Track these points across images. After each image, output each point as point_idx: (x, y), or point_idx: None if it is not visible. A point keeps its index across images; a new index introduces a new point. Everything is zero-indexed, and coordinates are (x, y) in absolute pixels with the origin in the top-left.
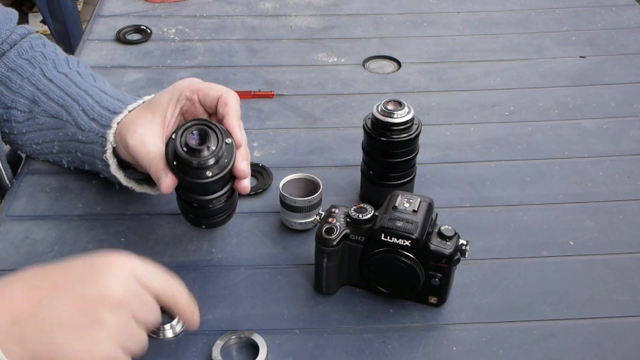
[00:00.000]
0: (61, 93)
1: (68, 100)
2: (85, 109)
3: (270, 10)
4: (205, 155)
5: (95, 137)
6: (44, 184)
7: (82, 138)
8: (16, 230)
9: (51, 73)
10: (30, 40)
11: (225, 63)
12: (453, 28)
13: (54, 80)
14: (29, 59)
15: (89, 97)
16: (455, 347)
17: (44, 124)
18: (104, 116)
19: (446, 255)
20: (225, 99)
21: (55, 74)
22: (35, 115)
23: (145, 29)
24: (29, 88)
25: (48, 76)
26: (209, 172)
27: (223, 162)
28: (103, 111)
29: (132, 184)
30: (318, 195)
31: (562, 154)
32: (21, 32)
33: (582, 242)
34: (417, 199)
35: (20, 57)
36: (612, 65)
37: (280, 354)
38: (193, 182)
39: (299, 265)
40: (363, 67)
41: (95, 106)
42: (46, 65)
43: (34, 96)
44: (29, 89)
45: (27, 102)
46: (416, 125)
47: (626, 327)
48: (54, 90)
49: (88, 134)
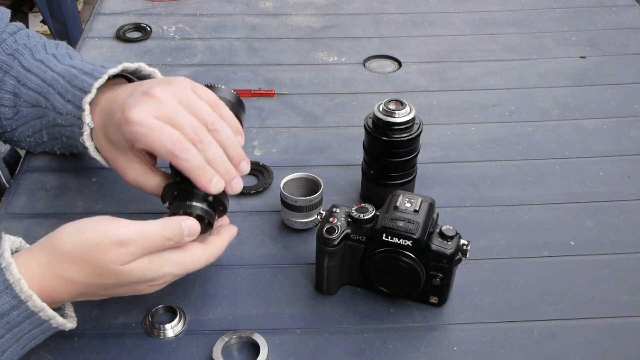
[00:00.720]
0: (38, 80)
1: (44, 86)
2: (60, 92)
3: (271, 9)
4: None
5: (73, 120)
6: (43, 181)
7: (62, 122)
8: (16, 228)
9: (28, 62)
10: (15, 37)
11: (225, 62)
12: (453, 28)
13: (31, 70)
14: (12, 53)
15: (62, 79)
16: (456, 347)
17: (28, 115)
18: (76, 96)
19: (447, 255)
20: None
21: (32, 63)
22: (19, 108)
23: (145, 27)
24: (10, 82)
25: (25, 66)
26: (205, 203)
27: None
28: (75, 91)
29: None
30: (319, 194)
31: (563, 154)
32: (11, 30)
33: (582, 242)
34: (418, 198)
35: (4, 53)
36: (612, 66)
37: (281, 353)
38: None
39: (299, 264)
40: (363, 67)
41: (68, 87)
42: (24, 56)
43: (15, 89)
44: (10, 83)
45: (11, 96)
46: (417, 124)
47: (627, 327)
48: (31, 79)
49: (66, 117)
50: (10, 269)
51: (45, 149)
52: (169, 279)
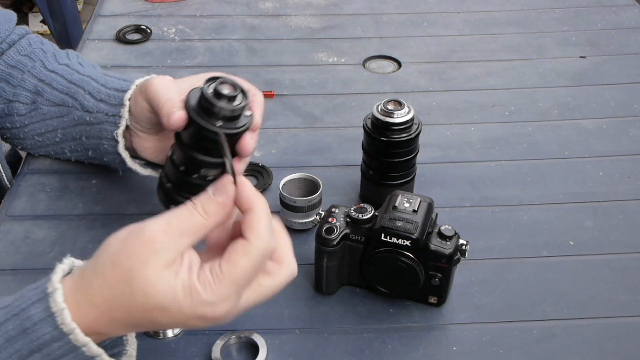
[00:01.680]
0: (64, 81)
1: (72, 87)
2: (91, 92)
3: (271, 10)
4: (225, 104)
5: (104, 117)
6: (44, 183)
7: (90, 119)
8: (16, 230)
9: (52, 65)
10: (28, 39)
11: (225, 63)
12: (453, 28)
13: (56, 71)
14: (28, 55)
15: (94, 82)
16: (455, 347)
17: (47, 113)
18: (112, 96)
19: (446, 255)
20: (255, 92)
21: (56, 66)
22: (39, 105)
23: (145, 28)
24: (31, 80)
25: (49, 68)
26: (220, 122)
27: (235, 124)
28: (111, 91)
29: (136, 166)
30: (318, 195)
31: (562, 154)
32: (20, 32)
33: (582, 242)
34: (417, 198)
35: (19, 54)
36: (612, 65)
37: (281, 354)
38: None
39: (299, 265)
40: (363, 67)
41: (102, 89)
42: (47, 59)
43: (37, 87)
44: (30, 82)
45: (30, 94)
46: (416, 125)
47: (626, 327)
48: (57, 80)
49: (97, 115)
50: (55, 297)
51: (51, 152)
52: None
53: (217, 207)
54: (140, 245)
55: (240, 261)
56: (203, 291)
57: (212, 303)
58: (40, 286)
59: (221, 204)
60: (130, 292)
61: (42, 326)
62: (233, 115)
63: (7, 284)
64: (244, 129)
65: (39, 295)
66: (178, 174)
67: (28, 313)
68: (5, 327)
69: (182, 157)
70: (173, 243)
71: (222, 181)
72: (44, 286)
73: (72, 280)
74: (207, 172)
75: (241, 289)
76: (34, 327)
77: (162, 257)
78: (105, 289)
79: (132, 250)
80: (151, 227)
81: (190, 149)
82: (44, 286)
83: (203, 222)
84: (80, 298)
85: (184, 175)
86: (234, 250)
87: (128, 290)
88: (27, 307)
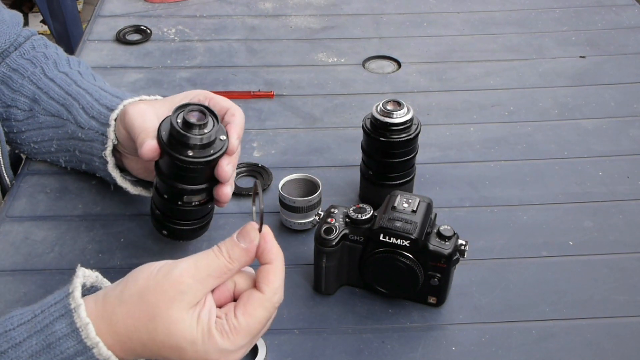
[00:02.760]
0: (62, 92)
1: (68, 99)
2: (85, 107)
3: (270, 10)
4: (195, 133)
5: (95, 135)
6: (43, 184)
7: (82, 136)
8: (16, 231)
9: (52, 72)
10: (32, 42)
11: (225, 63)
12: (453, 28)
13: (54, 80)
14: (30, 59)
15: (89, 96)
16: (455, 347)
17: (44, 122)
18: (102, 114)
19: (445, 255)
20: (234, 111)
21: (56, 74)
22: (36, 113)
23: (145, 29)
24: (30, 87)
25: (49, 75)
26: (191, 152)
27: (208, 151)
28: (102, 109)
29: (127, 184)
30: (317, 195)
31: (562, 154)
32: (25, 35)
33: (581, 242)
34: (416, 199)
35: (22, 57)
36: (612, 65)
37: (280, 354)
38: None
39: (298, 265)
40: (363, 67)
41: (95, 104)
42: (47, 65)
43: (35, 95)
44: (29, 88)
45: (28, 100)
46: (415, 125)
47: (625, 327)
48: (54, 89)
49: (88, 132)
50: (79, 312)
51: (47, 159)
52: None
53: (241, 252)
54: (167, 283)
55: (257, 313)
56: (220, 339)
57: (228, 351)
58: (62, 301)
59: (245, 250)
60: (154, 328)
61: (66, 341)
62: (205, 143)
63: (7, 285)
64: (218, 155)
65: (62, 311)
66: (163, 202)
67: (52, 328)
68: (29, 343)
69: (163, 186)
70: (199, 285)
71: (247, 228)
72: (66, 302)
73: (95, 303)
74: (190, 199)
75: (255, 339)
76: (58, 341)
77: (187, 297)
78: (129, 319)
79: (160, 288)
80: (180, 266)
81: (169, 179)
82: (66, 301)
83: (228, 265)
84: (101, 323)
85: (169, 203)
86: (249, 302)
87: (152, 326)
88: (50, 323)
